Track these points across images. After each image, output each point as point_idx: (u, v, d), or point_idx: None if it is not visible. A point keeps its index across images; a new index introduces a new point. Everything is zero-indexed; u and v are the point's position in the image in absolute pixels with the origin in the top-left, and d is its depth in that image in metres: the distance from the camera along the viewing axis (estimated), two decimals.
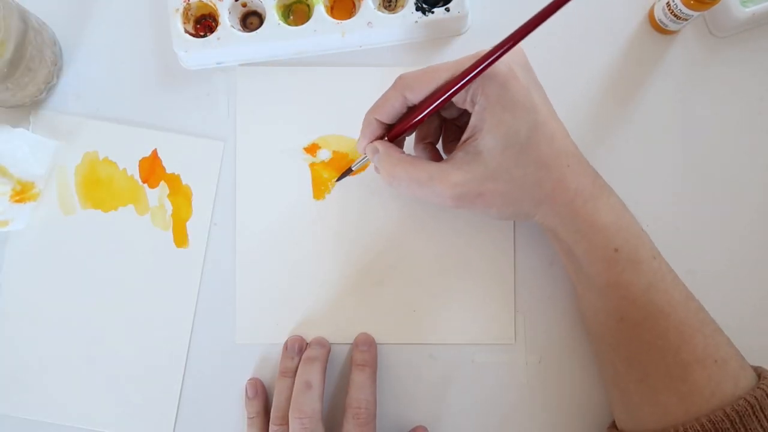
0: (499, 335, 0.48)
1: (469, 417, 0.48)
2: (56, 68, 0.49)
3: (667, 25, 0.48)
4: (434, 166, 0.40)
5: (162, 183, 0.50)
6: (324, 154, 0.49)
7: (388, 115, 0.41)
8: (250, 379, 0.48)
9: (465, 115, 0.41)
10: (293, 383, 0.46)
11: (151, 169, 0.50)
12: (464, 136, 0.40)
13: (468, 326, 0.48)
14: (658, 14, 0.48)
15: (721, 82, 0.49)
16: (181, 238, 0.50)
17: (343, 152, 0.50)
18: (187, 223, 0.50)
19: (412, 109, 0.41)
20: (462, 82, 0.37)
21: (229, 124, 0.50)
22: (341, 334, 0.49)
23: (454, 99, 0.39)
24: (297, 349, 0.48)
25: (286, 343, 0.48)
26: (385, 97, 0.41)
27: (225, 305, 0.49)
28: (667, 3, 0.46)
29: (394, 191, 0.43)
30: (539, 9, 0.34)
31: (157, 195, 0.50)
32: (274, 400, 0.46)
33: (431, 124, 0.45)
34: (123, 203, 0.50)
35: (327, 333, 0.49)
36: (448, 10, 0.48)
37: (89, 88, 0.51)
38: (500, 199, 0.40)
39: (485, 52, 0.37)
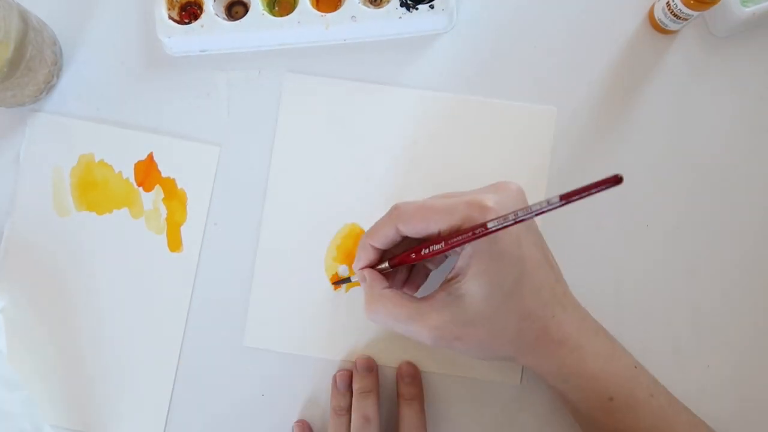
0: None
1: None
2: (56, 68, 0.51)
3: (667, 25, 0.50)
4: (414, 306, 0.42)
5: (157, 187, 0.52)
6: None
7: (382, 242, 0.43)
8: (297, 422, 0.50)
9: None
10: (348, 420, 0.47)
11: (147, 172, 0.52)
12: (449, 276, 0.42)
13: (476, 362, 0.50)
14: (658, 14, 0.50)
15: (721, 82, 0.51)
16: (175, 242, 0.52)
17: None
18: (182, 228, 0.52)
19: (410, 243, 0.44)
20: (459, 244, 0.39)
21: (229, 128, 0.52)
22: (352, 350, 0.50)
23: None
24: (347, 385, 0.49)
25: (335, 379, 0.49)
26: (379, 225, 0.43)
27: (217, 311, 0.51)
28: (667, 3, 0.48)
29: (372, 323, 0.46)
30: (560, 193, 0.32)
31: (152, 198, 0.52)
32: None
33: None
34: (118, 206, 0.52)
35: (338, 349, 0.50)
36: (432, 6, 0.50)
37: (89, 88, 0.53)
38: (479, 344, 0.41)
39: (483, 222, 0.37)
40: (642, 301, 0.50)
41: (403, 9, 0.50)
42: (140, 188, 0.52)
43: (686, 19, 0.48)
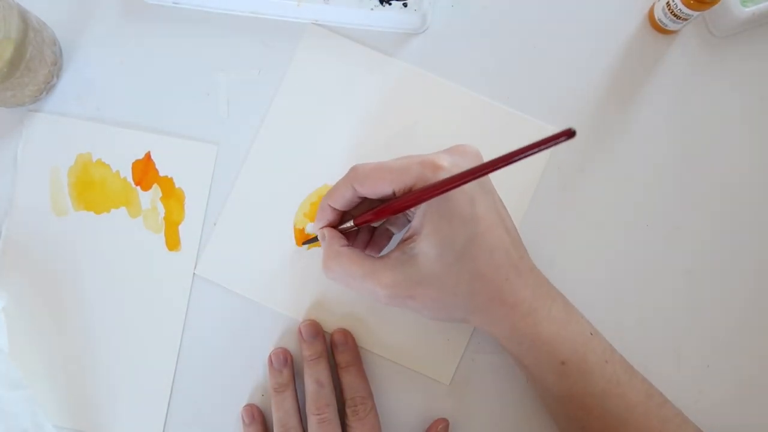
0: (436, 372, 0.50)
1: (469, 415, 0.50)
2: (56, 68, 0.52)
3: (667, 25, 0.51)
4: (369, 264, 0.43)
5: (155, 186, 0.53)
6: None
7: (340, 203, 0.45)
8: (245, 405, 0.50)
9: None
10: (291, 395, 0.48)
11: (144, 171, 0.53)
12: (404, 236, 0.43)
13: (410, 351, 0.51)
14: (658, 14, 0.51)
15: (721, 82, 0.52)
16: (173, 241, 0.52)
17: None
18: (180, 226, 0.52)
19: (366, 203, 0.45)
20: (414, 202, 0.40)
21: (227, 127, 0.53)
22: (297, 308, 0.51)
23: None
24: (283, 361, 0.50)
25: (270, 359, 0.50)
26: (337, 186, 0.44)
27: (216, 309, 0.51)
28: (667, 3, 0.49)
29: (330, 280, 0.46)
30: (511, 150, 0.34)
31: (150, 198, 0.53)
32: (274, 416, 0.48)
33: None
34: (115, 205, 0.53)
35: (285, 303, 0.51)
36: (405, 5, 0.51)
37: (89, 87, 0.53)
38: (431, 304, 0.42)
39: (439, 181, 0.39)
40: (642, 301, 0.50)
41: (377, 1, 0.51)
42: (138, 187, 0.53)
43: (686, 19, 0.49)
